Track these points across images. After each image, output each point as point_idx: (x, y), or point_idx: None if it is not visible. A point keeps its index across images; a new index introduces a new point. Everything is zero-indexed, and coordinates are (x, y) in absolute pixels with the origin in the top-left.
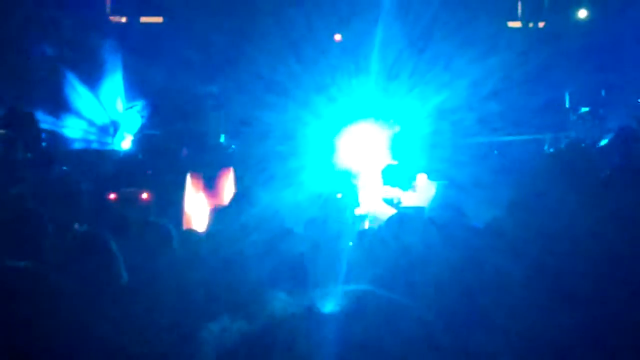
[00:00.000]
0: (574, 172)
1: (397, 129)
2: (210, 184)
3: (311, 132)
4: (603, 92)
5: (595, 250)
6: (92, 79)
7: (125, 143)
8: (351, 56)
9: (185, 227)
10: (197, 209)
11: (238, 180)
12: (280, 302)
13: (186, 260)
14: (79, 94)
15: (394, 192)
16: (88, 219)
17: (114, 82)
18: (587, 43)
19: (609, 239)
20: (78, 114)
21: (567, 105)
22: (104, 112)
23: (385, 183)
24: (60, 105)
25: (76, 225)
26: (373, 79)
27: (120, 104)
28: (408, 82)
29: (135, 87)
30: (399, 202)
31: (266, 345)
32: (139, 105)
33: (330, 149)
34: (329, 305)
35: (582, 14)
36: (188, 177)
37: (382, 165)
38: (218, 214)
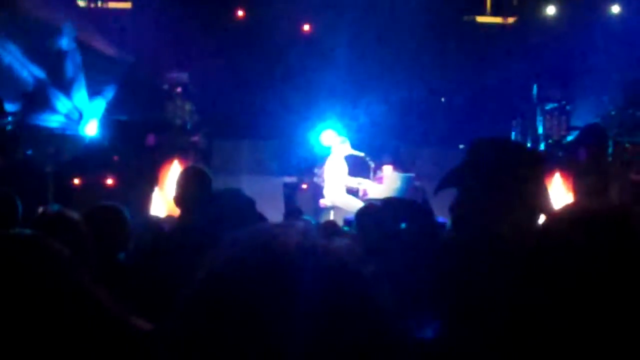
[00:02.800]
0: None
1: (359, 123)
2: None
3: (278, 122)
4: (570, 89)
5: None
6: (57, 65)
7: (90, 128)
8: (319, 47)
9: (163, 213)
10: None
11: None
12: None
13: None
14: (44, 79)
15: (360, 183)
16: (53, 201)
17: (80, 69)
18: (555, 39)
19: (556, 237)
20: (43, 99)
21: (535, 101)
22: (69, 98)
23: (350, 173)
24: (25, 91)
25: (41, 208)
26: (340, 69)
27: (85, 90)
28: (376, 74)
29: (103, 73)
30: (365, 194)
31: None
32: (105, 91)
33: (297, 139)
34: None
35: (551, 10)
36: (176, 164)
37: (347, 156)
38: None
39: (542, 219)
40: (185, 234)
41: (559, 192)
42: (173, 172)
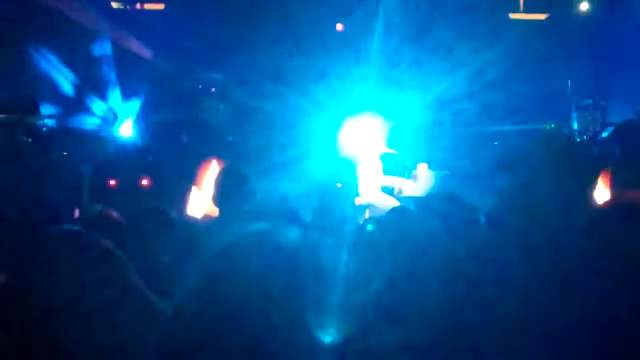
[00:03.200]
0: (566, 160)
1: (393, 121)
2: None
3: (311, 122)
4: (605, 85)
5: (592, 241)
6: (92, 68)
7: (125, 129)
8: (353, 46)
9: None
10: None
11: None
12: None
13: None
14: (79, 83)
15: (395, 182)
16: (89, 202)
17: (115, 71)
18: (589, 35)
19: (606, 229)
20: (79, 102)
21: (569, 97)
22: (104, 100)
23: (384, 172)
24: (60, 93)
25: (77, 209)
26: (374, 68)
27: (119, 92)
28: (409, 72)
29: (137, 74)
30: (400, 192)
31: None
32: (140, 92)
33: (331, 139)
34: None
35: (584, 6)
36: (214, 164)
37: (381, 154)
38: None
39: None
40: (219, 234)
41: (599, 188)
42: (211, 172)
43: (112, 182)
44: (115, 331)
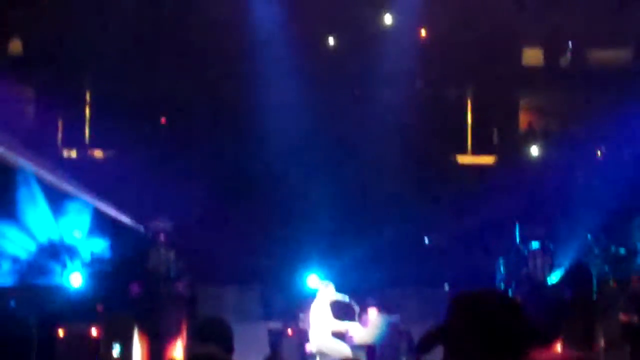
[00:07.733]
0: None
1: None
2: None
3: (262, 267)
4: (553, 228)
5: None
6: (39, 217)
7: (75, 280)
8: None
9: None
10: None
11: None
12: None
13: None
14: (26, 234)
15: (344, 327)
16: (37, 353)
17: (62, 219)
18: (537, 177)
19: None
20: (27, 253)
21: (518, 240)
22: (53, 250)
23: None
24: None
25: None
26: (326, 211)
27: (69, 241)
28: (359, 222)
29: (86, 222)
30: (350, 338)
31: None
32: (92, 241)
33: (281, 284)
34: None
35: (534, 151)
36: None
37: (330, 300)
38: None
39: None
40: None
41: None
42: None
43: (60, 332)
44: None
